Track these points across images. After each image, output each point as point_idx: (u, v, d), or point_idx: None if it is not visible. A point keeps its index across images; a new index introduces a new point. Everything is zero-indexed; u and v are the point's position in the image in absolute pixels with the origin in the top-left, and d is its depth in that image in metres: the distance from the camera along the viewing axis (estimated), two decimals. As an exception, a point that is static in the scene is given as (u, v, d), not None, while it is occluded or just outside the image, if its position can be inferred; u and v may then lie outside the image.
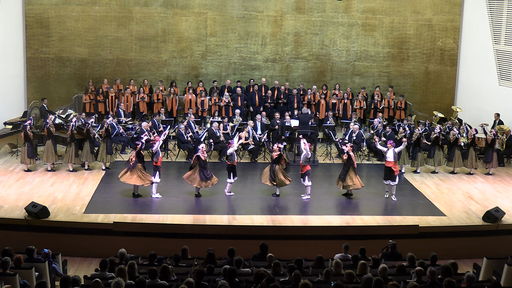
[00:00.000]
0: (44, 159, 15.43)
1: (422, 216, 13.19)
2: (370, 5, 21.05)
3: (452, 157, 16.30)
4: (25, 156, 15.20)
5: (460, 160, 16.30)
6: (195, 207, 13.54)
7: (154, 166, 13.74)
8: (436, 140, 16.17)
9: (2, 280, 8.27)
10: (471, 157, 16.26)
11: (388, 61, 21.41)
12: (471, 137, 16.18)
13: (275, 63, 21.24)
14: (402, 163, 16.09)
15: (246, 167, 16.13)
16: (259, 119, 17.52)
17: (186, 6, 20.69)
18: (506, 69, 19.27)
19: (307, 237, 12.50)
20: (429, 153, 16.39)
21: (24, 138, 15.12)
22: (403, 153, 15.94)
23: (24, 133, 15.09)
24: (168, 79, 20.75)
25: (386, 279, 8.53)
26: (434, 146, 16.23)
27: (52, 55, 20.44)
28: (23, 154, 15.24)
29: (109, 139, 15.62)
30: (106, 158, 15.57)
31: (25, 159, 15.23)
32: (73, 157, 15.36)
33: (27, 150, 15.14)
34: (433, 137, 16.14)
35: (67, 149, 15.47)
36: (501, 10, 19.17)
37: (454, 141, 16.16)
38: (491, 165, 16.31)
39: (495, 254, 11.30)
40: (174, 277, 8.72)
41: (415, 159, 16.22)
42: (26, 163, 15.31)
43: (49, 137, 15.37)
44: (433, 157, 16.28)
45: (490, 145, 16.24)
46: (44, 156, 15.40)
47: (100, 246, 11.97)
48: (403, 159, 16.05)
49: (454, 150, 16.25)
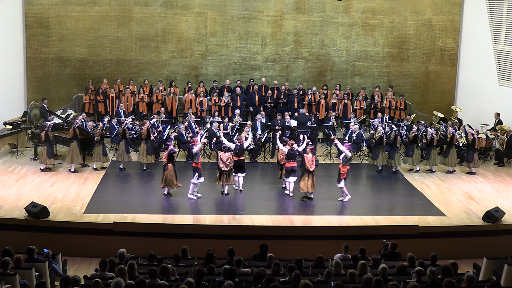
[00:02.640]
0: (68, 160, 15.49)
1: (422, 216, 13.19)
2: (370, 5, 21.05)
3: (428, 156, 16.31)
4: (45, 156, 15.22)
5: (437, 159, 16.31)
6: (195, 207, 13.55)
7: (193, 167, 13.72)
8: (415, 139, 16.15)
9: (2, 280, 8.27)
10: (452, 155, 16.25)
11: (388, 61, 21.41)
12: (450, 136, 16.19)
13: (275, 63, 21.24)
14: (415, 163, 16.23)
15: (246, 167, 16.09)
16: (259, 119, 17.52)
17: (186, 6, 20.69)
18: (506, 69, 19.27)
19: (307, 237, 12.50)
20: (406, 151, 16.40)
21: (44, 138, 15.17)
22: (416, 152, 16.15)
23: (45, 133, 15.16)
24: (168, 79, 20.75)
25: (386, 279, 8.53)
26: (412, 145, 16.22)
27: (52, 55, 20.44)
28: (42, 154, 15.27)
29: (149, 139, 15.66)
30: (147, 159, 15.67)
31: (45, 159, 15.25)
32: (76, 157, 15.37)
33: (46, 150, 15.19)
34: (412, 136, 16.13)
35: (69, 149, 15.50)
36: (501, 10, 19.17)
37: (431, 141, 16.14)
38: (473, 164, 16.29)
39: (495, 254, 11.29)
40: (176, 277, 8.72)
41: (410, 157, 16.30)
42: (46, 163, 15.34)
43: (74, 138, 15.41)
44: (412, 156, 16.27)
45: (471, 145, 16.23)
46: (69, 157, 15.45)
47: (100, 246, 11.97)
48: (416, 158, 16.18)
49: (431, 150, 16.23)
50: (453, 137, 16.19)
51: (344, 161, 13.75)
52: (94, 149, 15.68)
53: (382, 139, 15.94)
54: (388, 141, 16.03)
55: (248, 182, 15.15)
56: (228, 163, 13.74)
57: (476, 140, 16.30)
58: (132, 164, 16.04)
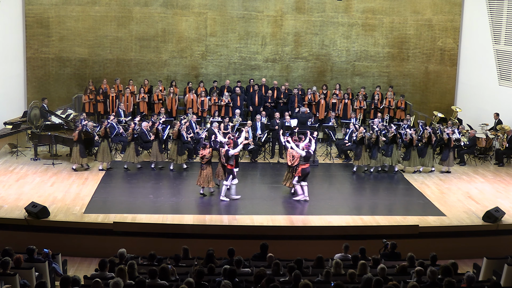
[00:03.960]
0: (99, 158, 15.58)
1: (422, 216, 13.19)
2: (370, 5, 21.05)
3: (408, 156, 16.24)
4: (78, 156, 15.33)
5: (417, 159, 16.26)
6: (195, 207, 13.55)
7: (228, 170, 13.57)
8: (394, 139, 16.15)
9: (2, 280, 8.27)
10: (429, 155, 16.23)
11: (388, 61, 21.41)
12: (426, 136, 16.17)
13: (275, 63, 21.24)
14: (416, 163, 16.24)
15: (246, 167, 16.12)
16: (259, 119, 17.53)
17: (186, 6, 20.69)
18: (506, 69, 19.27)
19: (307, 237, 12.49)
20: (385, 152, 16.36)
21: (77, 138, 15.28)
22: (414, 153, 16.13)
23: (78, 133, 15.28)
24: (168, 79, 20.75)
25: (386, 279, 8.53)
26: (392, 145, 16.19)
27: (52, 55, 20.45)
28: (74, 154, 15.36)
29: (179, 140, 15.70)
30: (178, 159, 15.74)
31: (77, 158, 15.35)
32: (79, 157, 15.42)
33: (79, 149, 15.30)
34: (391, 136, 16.13)
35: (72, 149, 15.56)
36: (501, 10, 19.17)
37: (410, 142, 16.11)
38: (447, 163, 16.25)
39: (495, 254, 11.28)
40: (176, 277, 8.72)
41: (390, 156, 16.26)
42: (79, 163, 15.45)
43: (105, 137, 15.52)
44: (391, 156, 16.23)
45: (447, 145, 16.19)
46: (100, 156, 15.54)
47: (100, 246, 11.96)
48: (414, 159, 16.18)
49: (410, 150, 16.17)
50: (430, 136, 16.10)
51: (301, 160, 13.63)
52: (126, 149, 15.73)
53: (363, 139, 15.94)
54: (370, 142, 15.97)
55: (248, 182, 15.16)
56: None
57: (452, 139, 16.17)
58: (132, 164, 16.01)
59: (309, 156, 13.70)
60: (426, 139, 16.19)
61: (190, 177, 15.42)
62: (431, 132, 16.28)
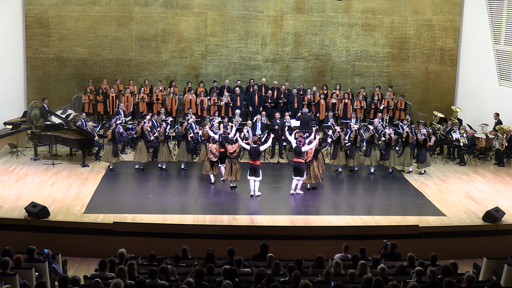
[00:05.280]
0: (136, 158, 15.61)
1: (422, 216, 13.19)
2: (370, 5, 21.04)
3: (387, 156, 16.19)
4: (110, 155, 15.41)
5: (396, 159, 16.23)
6: (195, 207, 13.55)
7: (257, 166, 14.02)
8: (371, 139, 16.14)
9: (2, 280, 8.27)
10: (406, 154, 16.16)
11: (388, 61, 21.41)
12: (405, 136, 16.12)
13: (275, 63, 21.24)
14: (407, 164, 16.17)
15: (246, 167, 16.09)
16: (259, 119, 17.52)
17: (186, 6, 20.69)
18: (506, 69, 19.27)
19: (307, 237, 12.49)
20: (365, 152, 16.35)
21: (111, 137, 15.37)
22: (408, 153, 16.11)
23: (112, 131, 15.36)
24: (168, 79, 20.74)
25: (386, 279, 8.53)
26: (370, 145, 16.18)
27: (52, 55, 20.44)
28: (107, 153, 15.45)
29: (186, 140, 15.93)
30: (187, 157, 15.91)
31: (110, 157, 15.43)
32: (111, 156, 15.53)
33: (112, 148, 15.38)
34: (369, 136, 16.12)
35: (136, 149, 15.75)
36: (501, 10, 19.17)
37: (389, 141, 16.11)
38: (424, 164, 16.08)
39: (495, 254, 11.29)
40: (176, 277, 8.72)
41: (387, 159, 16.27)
42: (112, 162, 15.52)
43: (142, 137, 15.61)
44: (370, 156, 16.20)
45: (423, 145, 15.99)
46: (137, 155, 15.57)
47: (100, 246, 11.96)
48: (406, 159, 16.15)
49: (389, 150, 16.15)
50: (408, 136, 16.04)
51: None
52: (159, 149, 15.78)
53: (340, 138, 15.96)
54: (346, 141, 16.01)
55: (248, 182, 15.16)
56: (217, 153, 14.50)
57: (428, 140, 16.01)
58: (132, 164, 16.02)
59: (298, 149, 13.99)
60: (404, 138, 16.17)
61: (190, 177, 15.42)
62: (428, 132, 16.20)
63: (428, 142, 16.02)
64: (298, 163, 13.96)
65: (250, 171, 14.00)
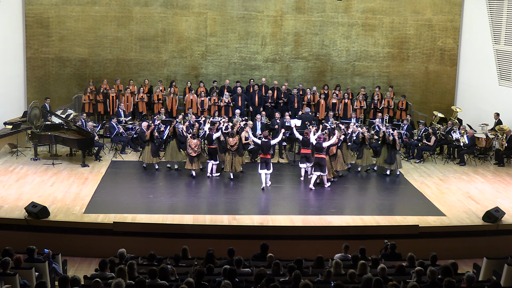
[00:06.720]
0: (167, 157, 15.78)
1: (422, 216, 13.18)
2: (370, 5, 21.05)
3: (361, 155, 16.24)
4: (149, 155, 15.57)
5: (370, 158, 16.30)
6: (195, 207, 13.55)
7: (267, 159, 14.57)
8: (363, 140, 16.19)
9: (2, 280, 8.27)
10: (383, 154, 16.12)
11: (388, 61, 21.41)
12: (381, 136, 16.16)
13: (275, 63, 21.24)
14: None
15: (246, 167, 16.11)
16: (259, 119, 17.53)
17: (186, 6, 20.69)
18: (506, 69, 19.27)
19: (307, 237, 12.50)
20: (358, 154, 16.40)
21: (149, 137, 15.53)
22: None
23: (150, 132, 15.53)
24: (168, 79, 20.75)
25: (386, 279, 8.53)
26: (362, 146, 16.25)
27: (52, 55, 20.44)
28: (146, 153, 15.61)
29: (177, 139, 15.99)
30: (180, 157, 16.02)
31: (149, 158, 15.58)
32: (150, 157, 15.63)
33: (151, 148, 15.54)
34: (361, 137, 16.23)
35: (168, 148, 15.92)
36: (501, 10, 19.17)
37: (362, 140, 16.17)
38: (395, 166, 15.85)
39: (495, 254, 11.30)
40: (176, 277, 8.72)
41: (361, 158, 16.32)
42: (150, 162, 15.66)
43: (174, 136, 15.78)
44: (361, 157, 16.24)
45: (392, 146, 15.80)
46: (168, 155, 15.76)
47: (100, 246, 11.97)
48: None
49: (363, 149, 16.21)
50: (385, 136, 15.91)
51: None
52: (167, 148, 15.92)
53: (364, 139, 16.03)
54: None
55: (248, 182, 15.18)
56: (196, 149, 14.99)
57: (397, 141, 15.76)
58: (132, 164, 16.03)
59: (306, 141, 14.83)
60: (381, 139, 16.17)
61: (190, 177, 15.41)
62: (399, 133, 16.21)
63: (397, 143, 15.74)
64: (319, 158, 14.45)
65: (261, 165, 14.53)
